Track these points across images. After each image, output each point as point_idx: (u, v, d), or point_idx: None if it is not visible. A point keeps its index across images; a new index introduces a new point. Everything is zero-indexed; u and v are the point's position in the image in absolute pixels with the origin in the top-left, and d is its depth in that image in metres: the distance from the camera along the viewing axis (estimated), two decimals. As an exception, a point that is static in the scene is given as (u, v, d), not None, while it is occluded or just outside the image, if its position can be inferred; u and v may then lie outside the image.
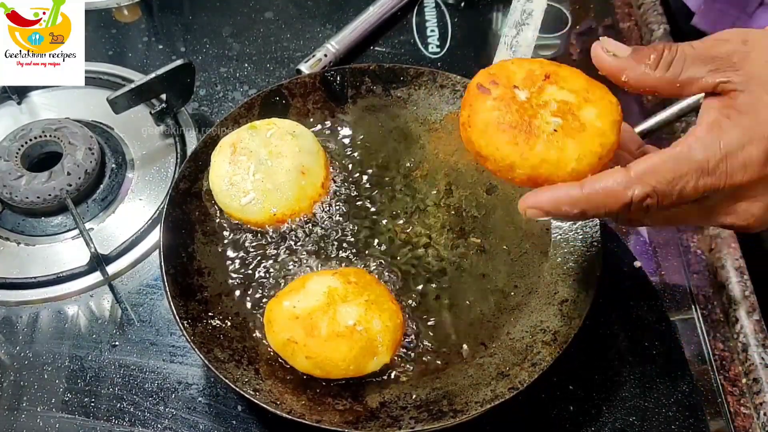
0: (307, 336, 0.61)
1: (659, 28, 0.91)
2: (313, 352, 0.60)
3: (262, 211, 0.70)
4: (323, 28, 0.94)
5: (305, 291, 0.63)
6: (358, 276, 0.65)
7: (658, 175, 0.46)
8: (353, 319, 0.61)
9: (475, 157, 0.53)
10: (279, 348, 0.63)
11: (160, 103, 0.81)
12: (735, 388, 0.67)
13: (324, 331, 0.61)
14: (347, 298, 0.62)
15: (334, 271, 0.66)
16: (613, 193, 0.47)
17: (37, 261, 0.75)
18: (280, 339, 0.62)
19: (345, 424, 0.58)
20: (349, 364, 0.61)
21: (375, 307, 0.62)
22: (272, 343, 0.63)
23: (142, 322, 0.71)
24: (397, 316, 0.64)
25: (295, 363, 0.62)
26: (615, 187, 0.47)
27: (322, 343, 0.60)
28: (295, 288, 0.64)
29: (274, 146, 0.71)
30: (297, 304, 0.62)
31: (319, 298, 0.62)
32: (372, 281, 0.65)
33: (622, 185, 0.47)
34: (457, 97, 0.77)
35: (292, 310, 0.62)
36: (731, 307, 0.70)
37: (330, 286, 0.63)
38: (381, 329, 0.61)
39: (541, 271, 0.68)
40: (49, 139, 0.79)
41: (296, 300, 0.63)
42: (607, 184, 0.47)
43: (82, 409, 0.66)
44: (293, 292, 0.64)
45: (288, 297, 0.63)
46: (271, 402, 0.59)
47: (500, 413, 0.62)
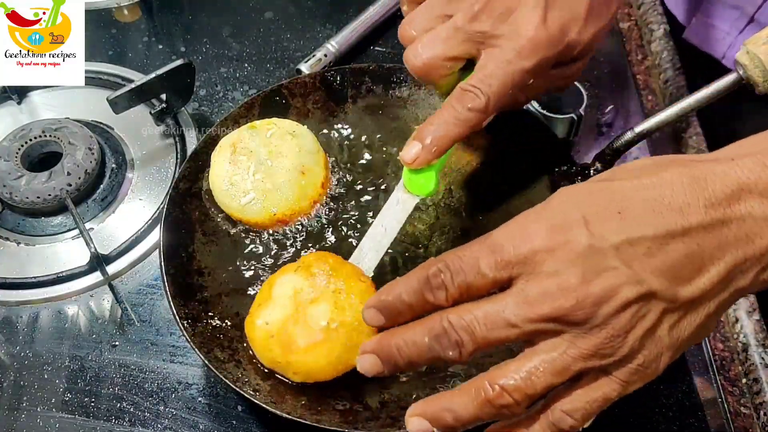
0: (287, 353, 0.59)
1: (659, 28, 0.91)
2: (298, 367, 0.60)
3: (262, 211, 0.70)
4: (323, 28, 0.94)
5: (272, 301, 0.62)
6: (320, 263, 0.63)
7: (450, 253, 0.45)
8: (325, 318, 0.59)
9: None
10: (268, 365, 0.62)
11: (160, 103, 0.81)
12: (735, 388, 0.68)
13: (301, 342, 0.59)
14: (314, 297, 0.60)
15: (296, 265, 0.64)
16: (416, 270, 0.46)
17: (37, 261, 0.75)
18: (265, 359, 0.62)
19: (345, 424, 0.58)
20: (337, 365, 0.60)
21: (344, 296, 0.60)
22: (261, 361, 0.63)
23: (142, 322, 0.71)
24: (370, 292, 0.62)
25: (288, 377, 0.62)
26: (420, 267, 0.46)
27: (303, 355, 0.59)
28: (264, 299, 0.63)
29: (274, 146, 0.71)
30: (269, 320, 0.61)
31: (286, 305, 0.61)
32: (336, 263, 0.63)
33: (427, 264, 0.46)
34: (457, 97, 0.77)
35: (266, 328, 0.61)
36: (731, 307, 0.70)
37: (295, 288, 0.61)
38: (356, 317, 0.59)
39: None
40: (49, 139, 0.79)
41: (267, 315, 0.61)
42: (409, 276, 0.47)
43: (82, 409, 0.66)
44: (263, 306, 0.62)
45: (259, 313, 0.62)
46: (271, 402, 0.59)
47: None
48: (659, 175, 0.43)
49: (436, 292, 0.45)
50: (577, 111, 0.78)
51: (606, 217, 0.42)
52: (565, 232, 0.42)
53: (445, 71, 0.62)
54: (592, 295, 0.41)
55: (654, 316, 0.42)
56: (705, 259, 0.42)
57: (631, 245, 0.42)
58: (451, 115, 0.59)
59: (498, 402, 0.43)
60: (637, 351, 0.43)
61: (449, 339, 0.44)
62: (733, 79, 0.61)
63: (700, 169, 0.43)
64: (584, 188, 0.45)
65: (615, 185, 0.44)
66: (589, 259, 0.42)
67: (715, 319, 0.45)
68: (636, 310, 0.42)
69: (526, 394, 0.43)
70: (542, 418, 0.45)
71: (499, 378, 0.43)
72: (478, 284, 0.44)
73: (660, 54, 0.89)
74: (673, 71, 0.87)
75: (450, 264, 0.45)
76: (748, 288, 0.44)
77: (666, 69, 0.88)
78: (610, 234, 0.42)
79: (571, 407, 0.44)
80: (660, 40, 0.90)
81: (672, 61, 0.88)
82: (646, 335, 0.42)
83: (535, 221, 0.44)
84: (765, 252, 0.43)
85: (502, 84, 0.58)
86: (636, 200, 0.43)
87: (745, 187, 0.42)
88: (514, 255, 0.43)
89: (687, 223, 0.42)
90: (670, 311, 0.43)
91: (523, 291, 0.43)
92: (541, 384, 0.43)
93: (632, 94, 0.88)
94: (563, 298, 0.42)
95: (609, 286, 0.41)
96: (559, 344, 0.43)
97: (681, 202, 0.42)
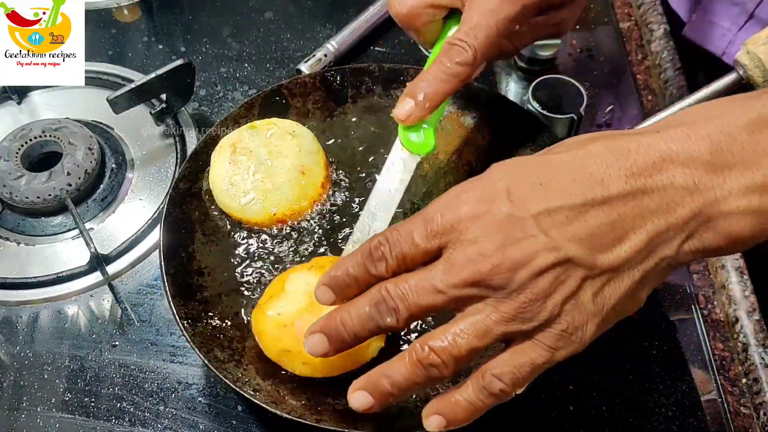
0: (299, 343, 0.59)
1: (659, 28, 0.91)
2: (309, 357, 0.60)
3: (262, 211, 0.70)
4: (323, 28, 0.94)
5: (285, 295, 0.62)
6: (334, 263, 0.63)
7: (391, 227, 0.48)
8: None
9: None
10: (275, 358, 0.62)
11: (160, 103, 0.81)
12: (735, 388, 0.68)
13: None
14: None
15: (309, 265, 0.65)
16: (361, 246, 0.49)
17: (37, 261, 0.75)
18: (274, 350, 0.62)
19: (345, 424, 0.58)
20: (346, 361, 0.60)
21: None
22: (267, 354, 0.63)
23: (142, 322, 0.71)
24: None
25: (294, 370, 0.62)
26: (365, 242, 0.49)
27: None
28: (275, 293, 0.63)
29: (274, 146, 0.71)
30: (282, 311, 0.62)
31: (300, 299, 0.62)
32: None
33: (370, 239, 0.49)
34: (457, 97, 0.77)
35: (278, 318, 0.61)
36: (731, 307, 0.70)
37: (308, 285, 0.62)
38: None
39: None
40: (49, 139, 0.79)
41: (280, 306, 0.62)
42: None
43: (82, 409, 0.66)
44: (274, 299, 0.63)
45: (270, 305, 0.62)
46: (272, 402, 0.59)
47: (500, 413, 0.61)
48: (586, 148, 0.45)
49: (377, 263, 0.48)
50: (577, 111, 0.79)
51: (528, 188, 0.45)
52: (489, 202, 0.45)
53: (427, 18, 0.63)
54: (509, 260, 0.43)
55: (574, 283, 0.44)
56: (626, 227, 0.44)
57: (550, 214, 0.44)
58: (440, 70, 0.60)
59: (426, 361, 0.46)
60: (558, 316, 0.44)
61: (387, 306, 0.47)
62: (733, 79, 0.61)
63: (625, 141, 0.45)
64: (517, 161, 0.48)
65: (544, 158, 0.47)
66: (508, 227, 0.44)
67: (643, 289, 0.46)
68: (554, 276, 0.43)
69: (451, 355, 0.45)
70: (473, 381, 0.47)
71: (429, 340, 0.46)
72: (413, 254, 0.47)
73: (660, 54, 0.89)
74: (673, 71, 0.87)
75: (389, 236, 0.47)
76: (675, 257, 0.45)
77: (666, 69, 0.88)
78: (531, 204, 0.44)
79: (500, 371, 0.46)
80: (660, 40, 0.90)
81: (672, 61, 0.88)
82: (567, 301, 0.44)
83: (465, 192, 0.46)
84: (687, 221, 0.44)
85: (488, 35, 0.59)
86: (560, 172, 0.45)
87: (667, 157, 0.43)
88: (442, 224, 0.45)
89: (607, 193, 0.43)
90: (591, 278, 0.44)
91: (449, 259, 0.45)
92: (465, 346, 0.45)
93: (632, 94, 0.88)
94: (481, 264, 0.44)
95: (526, 252, 0.43)
96: (482, 309, 0.45)
97: (603, 173, 0.44)
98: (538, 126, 0.75)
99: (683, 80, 0.86)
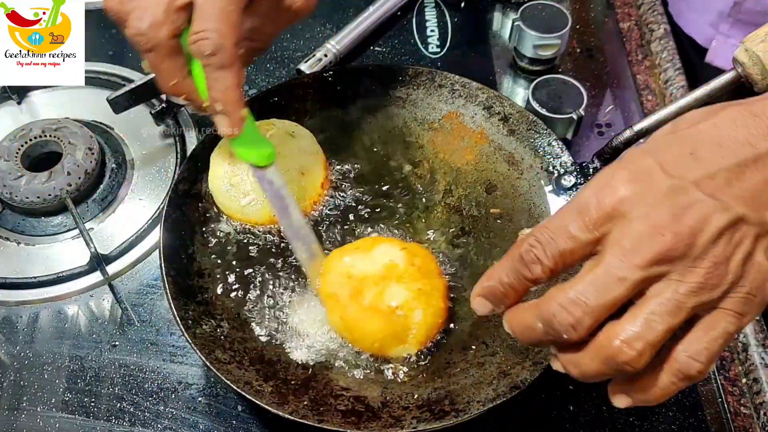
0: (350, 299, 0.62)
1: (659, 28, 0.91)
2: (349, 315, 0.62)
3: (261, 212, 0.70)
4: (323, 28, 0.94)
5: (369, 256, 0.65)
6: (424, 262, 0.65)
7: (538, 227, 0.46)
8: (398, 301, 0.62)
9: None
10: (323, 296, 0.64)
11: (160, 103, 0.81)
12: (735, 388, 0.68)
13: (367, 300, 0.62)
14: (402, 279, 0.63)
15: (404, 245, 0.66)
16: (509, 252, 0.48)
17: (37, 261, 0.75)
18: (327, 290, 0.64)
19: (347, 425, 0.58)
20: (375, 342, 0.62)
21: (424, 299, 0.62)
22: (319, 290, 0.65)
23: (142, 322, 0.71)
24: (441, 315, 0.64)
25: (329, 317, 0.64)
26: (512, 248, 0.47)
27: (360, 311, 0.62)
28: (362, 247, 0.66)
29: (274, 147, 0.71)
30: (356, 265, 0.64)
31: (377, 268, 0.64)
32: (434, 272, 0.65)
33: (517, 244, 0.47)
34: (456, 97, 0.77)
35: (349, 268, 0.64)
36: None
37: (392, 261, 0.64)
38: (419, 322, 0.62)
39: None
40: (49, 139, 0.79)
41: (357, 260, 0.64)
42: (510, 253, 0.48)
43: (82, 409, 0.66)
44: (358, 251, 0.65)
45: (351, 254, 0.65)
46: (274, 403, 0.59)
47: (501, 413, 0.62)
48: (718, 116, 0.45)
49: (532, 267, 0.46)
50: (577, 111, 0.79)
51: (680, 159, 0.44)
52: (645, 179, 0.44)
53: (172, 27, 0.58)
54: (686, 227, 0.42)
55: (749, 242, 0.43)
56: None
57: (711, 178, 0.43)
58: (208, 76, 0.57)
59: (620, 358, 0.43)
60: (741, 278, 0.43)
61: (563, 321, 0.44)
62: (732, 77, 0.61)
63: (756, 106, 0.45)
64: (650, 143, 0.47)
65: (679, 134, 0.46)
66: (674, 198, 0.43)
67: None
68: (730, 237, 0.43)
69: (647, 343, 0.42)
70: (666, 367, 0.44)
71: (616, 334, 0.43)
72: (571, 249, 0.44)
73: (660, 54, 0.89)
74: (673, 71, 0.87)
75: (539, 236, 0.45)
76: None
77: (666, 69, 0.88)
78: (688, 172, 0.43)
79: (695, 349, 0.43)
80: (660, 40, 0.90)
81: (672, 61, 0.88)
82: (746, 261, 0.43)
83: (613, 177, 0.44)
84: None
85: (224, 19, 0.55)
86: (703, 141, 0.45)
87: None
88: (601, 211, 0.44)
89: (757, 151, 0.44)
90: (762, 236, 0.44)
91: (619, 244, 0.43)
92: (661, 328, 0.42)
93: (632, 94, 0.88)
94: (660, 237, 0.42)
95: (700, 216, 0.42)
96: (667, 286, 0.43)
97: (746, 135, 0.44)
98: (538, 126, 0.75)
99: (683, 80, 0.86)
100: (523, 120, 0.74)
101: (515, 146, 0.74)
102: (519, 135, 0.74)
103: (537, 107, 0.78)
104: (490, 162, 0.75)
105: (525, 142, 0.74)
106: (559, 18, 0.85)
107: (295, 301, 0.67)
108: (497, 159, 0.75)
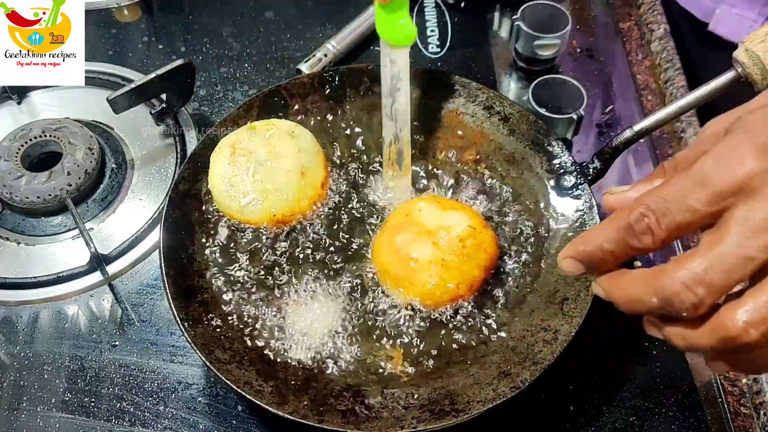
0: (390, 229, 0.68)
1: (659, 28, 0.91)
2: (378, 240, 0.69)
3: (261, 211, 0.70)
4: (323, 28, 0.94)
5: (441, 213, 0.68)
6: (475, 250, 0.66)
7: (648, 194, 0.44)
8: (420, 255, 0.65)
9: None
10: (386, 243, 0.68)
11: (160, 103, 0.81)
12: (735, 388, 0.68)
13: (399, 240, 0.67)
14: (438, 245, 0.65)
15: (476, 224, 0.67)
16: (614, 218, 0.45)
17: (37, 261, 0.75)
18: (391, 214, 0.70)
19: (347, 425, 0.58)
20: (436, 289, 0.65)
21: (438, 270, 0.65)
22: (384, 236, 0.68)
23: (142, 322, 0.71)
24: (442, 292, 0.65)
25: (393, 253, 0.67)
26: (617, 214, 0.45)
27: (386, 243, 0.67)
28: (446, 205, 0.69)
29: (274, 147, 0.71)
30: (423, 210, 0.68)
31: (433, 223, 0.67)
32: (475, 263, 0.66)
33: (623, 211, 0.44)
34: (456, 97, 0.77)
35: (415, 209, 0.68)
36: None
37: (448, 226, 0.67)
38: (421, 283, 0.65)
39: (541, 270, 0.68)
40: (49, 139, 0.79)
41: (428, 210, 0.68)
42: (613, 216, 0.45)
43: (82, 409, 0.66)
44: (439, 206, 0.69)
45: (431, 203, 0.69)
46: (275, 403, 0.59)
47: (501, 413, 0.62)
48: None
49: (642, 237, 0.43)
50: (577, 111, 0.78)
51: None
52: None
53: None
54: None
55: None
56: None
57: None
58: None
59: (743, 339, 0.40)
60: None
61: (685, 301, 0.41)
62: (732, 77, 0.61)
63: None
64: (749, 119, 0.44)
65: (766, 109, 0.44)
66: None
67: None
68: None
69: None
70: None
71: (741, 315, 0.41)
72: (689, 221, 0.42)
73: (660, 54, 0.89)
74: (673, 71, 0.87)
75: (653, 206, 0.43)
76: None
77: (666, 69, 0.88)
78: None
79: None
80: (660, 40, 0.90)
81: (672, 61, 0.88)
82: None
83: (736, 148, 0.42)
84: None
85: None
86: None
87: None
88: (728, 183, 0.41)
89: None
90: None
91: (748, 219, 0.40)
92: None
93: (632, 94, 0.88)
94: None
95: None
96: None
97: None
98: (538, 125, 0.75)
99: (683, 80, 0.86)
100: (523, 120, 0.74)
101: (515, 146, 0.74)
102: (519, 135, 0.74)
103: (537, 107, 0.78)
104: (492, 159, 0.75)
105: (525, 142, 0.74)
106: (559, 18, 0.85)
107: (295, 301, 0.67)
108: (497, 157, 0.75)
